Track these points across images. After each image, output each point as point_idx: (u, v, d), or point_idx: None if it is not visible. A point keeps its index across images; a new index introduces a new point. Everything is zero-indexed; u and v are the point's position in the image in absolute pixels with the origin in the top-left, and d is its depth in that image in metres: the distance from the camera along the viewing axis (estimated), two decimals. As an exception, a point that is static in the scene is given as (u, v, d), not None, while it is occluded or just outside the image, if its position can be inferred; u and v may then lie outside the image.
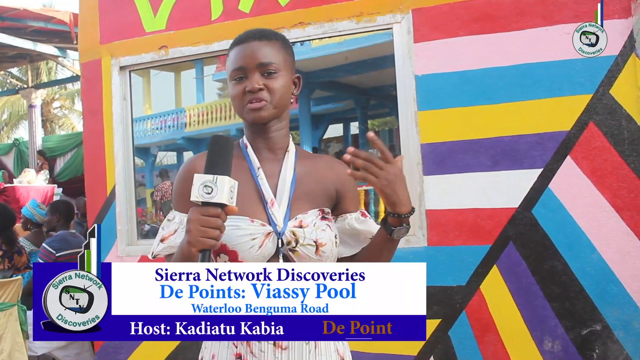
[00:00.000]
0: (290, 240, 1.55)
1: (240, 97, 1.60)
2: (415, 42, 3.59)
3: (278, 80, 1.60)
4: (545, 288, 3.31)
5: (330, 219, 1.64)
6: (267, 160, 1.65)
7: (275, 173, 1.64)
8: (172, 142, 17.41)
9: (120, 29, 4.38)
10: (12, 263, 5.14)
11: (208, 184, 1.35)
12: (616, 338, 3.19)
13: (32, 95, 15.39)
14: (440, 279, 3.49)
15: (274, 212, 1.58)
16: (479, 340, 3.42)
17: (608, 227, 3.22)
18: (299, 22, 3.84)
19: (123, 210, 4.32)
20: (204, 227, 1.35)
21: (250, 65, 1.59)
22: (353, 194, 1.73)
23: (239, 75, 1.60)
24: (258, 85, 1.57)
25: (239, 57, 1.61)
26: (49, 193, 11.03)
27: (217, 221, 1.35)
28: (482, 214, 3.43)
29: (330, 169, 1.70)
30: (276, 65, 1.60)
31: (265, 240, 1.54)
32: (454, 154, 3.49)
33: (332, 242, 1.59)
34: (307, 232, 1.56)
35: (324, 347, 1.59)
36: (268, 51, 1.60)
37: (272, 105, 1.59)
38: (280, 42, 1.65)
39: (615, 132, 3.22)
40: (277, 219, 1.57)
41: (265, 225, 1.56)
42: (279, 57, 1.62)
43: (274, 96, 1.59)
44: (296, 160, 1.68)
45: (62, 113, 27.44)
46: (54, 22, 11.17)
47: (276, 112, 1.61)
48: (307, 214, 1.60)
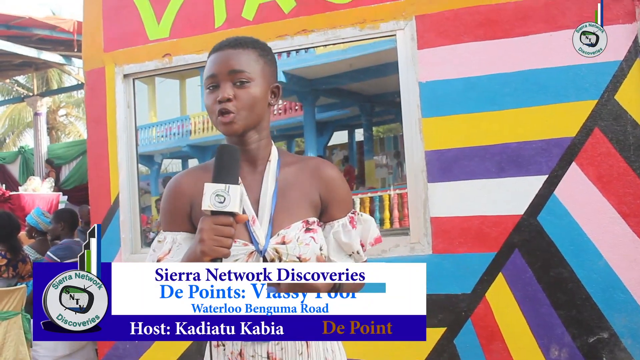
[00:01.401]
0: (274, 258, 1.54)
1: (212, 107, 1.56)
2: (419, 49, 3.57)
3: (250, 89, 1.55)
4: (552, 295, 3.29)
5: (315, 230, 1.60)
6: (248, 173, 1.63)
7: (256, 186, 1.62)
8: (177, 149, 17.46)
9: (124, 37, 4.38)
10: (16, 271, 5.13)
11: (220, 193, 1.35)
12: (624, 346, 3.16)
13: (38, 103, 15.43)
14: (446, 287, 3.46)
15: (256, 230, 1.56)
16: (485, 349, 3.39)
17: (614, 233, 3.20)
18: (302, 30, 3.83)
19: (127, 218, 4.31)
20: (218, 237, 1.35)
21: (222, 74, 1.55)
22: (340, 197, 1.68)
23: (211, 83, 1.57)
24: (227, 95, 1.53)
25: (212, 64, 1.58)
26: (54, 201, 11.03)
27: (230, 230, 1.36)
28: (487, 221, 3.41)
29: (315, 174, 1.66)
30: (248, 74, 1.56)
31: (248, 260, 1.54)
32: (459, 160, 3.47)
33: (316, 255, 1.57)
34: (290, 249, 1.55)
35: (315, 356, 1.59)
36: (242, 59, 1.57)
37: (243, 116, 1.55)
38: (257, 51, 1.61)
39: (621, 137, 3.20)
40: (259, 237, 1.56)
41: (248, 245, 1.55)
42: (254, 65, 1.58)
43: (244, 107, 1.54)
44: (278, 170, 1.64)
45: (68, 121, 27.54)
46: (59, 31, 11.22)
47: (249, 124, 1.57)
48: (289, 228, 1.57)
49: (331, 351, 1.65)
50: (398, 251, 3.57)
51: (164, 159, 18.78)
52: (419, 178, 3.55)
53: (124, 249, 4.28)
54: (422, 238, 3.53)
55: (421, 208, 3.53)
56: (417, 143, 3.56)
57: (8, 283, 4.98)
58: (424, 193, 3.53)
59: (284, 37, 3.89)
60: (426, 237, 3.52)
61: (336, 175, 1.70)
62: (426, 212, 3.52)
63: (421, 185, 3.54)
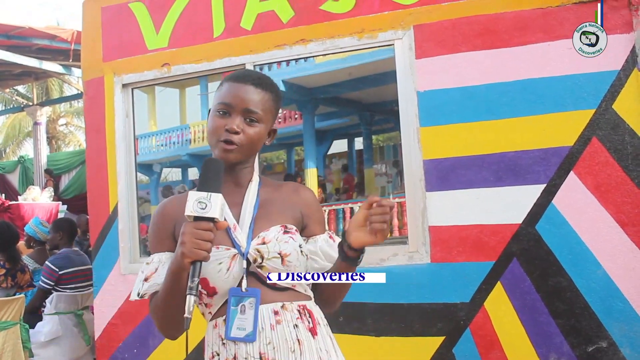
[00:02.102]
0: (256, 258, 1.64)
1: (218, 131, 1.67)
2: (417, 58, 3.58)
3: (256, 129, 1.69)
4: (550, 304, 3.28)
5: (293, 233, 1.71)
6: (231, 192, 1.73)
7: (238, 202, 1.73)
8: (176, 158, 17.48)
9: (123, 47, 4.39)
10: (15, 281, 5.14)
11: (202, 200, 1.47)
12: (622, 355, 3.15)
13: (37, 113, 15.47)
14: (444, 296, 3.46)
15: (237, 235, 1.66)
16: (484, 358, 3.38)
17: (613, 242, 3.20)
18: (301, 39, 3.85)
19: (126, 227, 4.30)
20: (197, 240, 1.45)
21: (238, 107, 1.67)
22: (318, 215, 1.83)
23: (224, 109, 1.68)
24: (237, 128, 1.65)
25: (231, 94, 1.69)
26: (54, 210, 11.03)
27: (209, 234, 1.46)
28: (485, 230, 3.41)
29: (294, 194, 1.80)
30: (260, 115, 1.69)
31: (231, 262, 1.63)
32: (457, 169, 3.48)
33: (296, 251, 1.67)
34: (271, 247, 1.64)
35: (308, 355, 1.63)
36: (258, 100, 1.69)
37: (242, 150, 1.68)
38: (273, 95, 1.74)
39: (619, 147, 3.20)
40: (240, 241, 1.66)
41: (230, 249, 1.64)
42: (266, 108, 1.71)
43: (246, 142, 1.67)
44: (259, 188, 1.77)
45: (68, 130, 27.58)
46: (58, 40, 11.25)
47: (243, 157, 1.71)
48: (269, 230, 1.68)
49: (325, 351, 1.68)
50: (396, 260, 3.56)
51: (163, 167, 18.79)
52: (417, 187, 3.55)
53: (122, 258, 4.28)
54: (421, 247, 3.53)
55: (419, 217, 3.53)
56: (415, 152, 3.57)
57: (7, 293, 4.98)
58: (422, 202, 3.53)
59: (282, 46, 3.90)
60: (424, 246, 3.52)
61: (314, 197, 1.86)
62: (424, 221, 3.52)
63: (419, 194, 3.54)
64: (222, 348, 1.62)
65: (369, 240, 1.59)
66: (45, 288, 5.14)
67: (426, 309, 3.50)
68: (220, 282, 1.62)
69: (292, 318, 1.64)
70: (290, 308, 1.65)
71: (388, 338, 3.56)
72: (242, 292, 1.62)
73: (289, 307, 1.65)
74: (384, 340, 3.57)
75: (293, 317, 1.64)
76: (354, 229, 1.62)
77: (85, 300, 5.29)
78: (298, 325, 1.64)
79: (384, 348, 3.57)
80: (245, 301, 1.61)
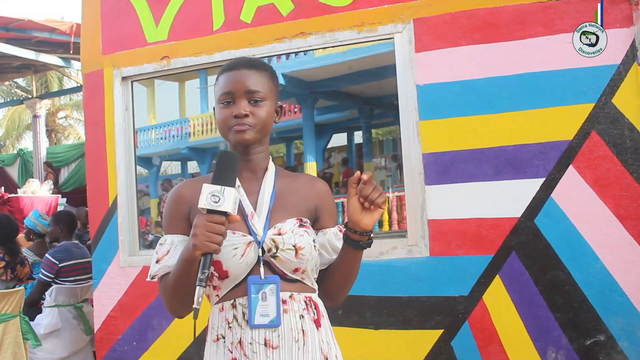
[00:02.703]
0: (271, 247, 1.66)
1: (227, 121, 1.71)
2: (416, 52, 3.58)
3: (263, 108, 1.72)
4: (549, 298, 3.29)
5: (308, 227, 1.74)
6: (248, 180, 1.77)
7: (255, 190, 1.76)
8: (176, 151, 17.46)
9: (122, 40, 4.39)
10: (14, 274, 5.14)
11: (216, 194, 1.50)
12: (620, 348, 3.17)
13: (37, 106, 15.44)
14: (443, 289, 3.47)
15: (254, 224, 1.69)
16: (482, 351, 3.39)
17: (611, 236, 3.20)
18: (301, 32, 3.84)
19: (125, 220, 4.31)
20: (209, 233, 1.48)
21: (239, 92, 1.71)
22: (331, 210, 1.86)
23: (227, 99, 1.72)
24: (244, 112, 1.69)
25: (229, 82, 1.73)
26: (53, 203, 11.03)
27: (221, 228, 1.49)
28: (484, 224, 3.42)
29: (309, 186, 1.83)
30: (262, 94, 1.72)
31: (246, 249, 1.65)
32: (456, 163, 3.48)
33: (310, 245, 1.69)
34: (286, 238, 1.67)
35: (311, 346, 1.67)
36: (256, 80, 1.73)
37: (256, 130, 1.71)
38: (268, 73, 1.78)
39: (618, 141, 3.20)
40: (257, 229, 1.68)
41: (246, 236, 1.67)
42: (266, 86, 1.74)
43: (258, 122, 1.71)
44: (276, 178, 1.80)
45: (68, 123, 27.55)
46: (57, 33, 11.21)
47: (258, 137, 1.73)
48: (285, 222, 1.70)
49: (326, 343, 1.73)
50: (396, 253, 3.57)
51: (163, 161, 18.76)
52: (417, 180, 3.55)
53: (122, 251, 4.28)
54: (420, 240, 3.53)
55: (419, 210, 3.53)
56: (415, 145, 3.57)
57: (6, 285, 4.99)
58: (422, 195, 3.54)
59: (282, 39, 3.89)
60: (424, 240, 3.52)
61: (328, 190, 1.88)
62: (424, 214, 3.53)
63: (419, 188, 3.55)
64: (227, 331, 1.66)
65: (376, 215, 1.64)
66: (45, 281, 5.14)
67: (425, 302, 3.51)
68: (233, 267, 1.64)
69: (299, 308, 1.68)
70: (298, 299, 1.69)
71: (387, 331, 3.58)
72: (262, 280, 1.65)
73: (296, 298, 1.69)
74: (382, 334, 3.59)
75: (300, 307, 1.68)
76: (355, 214, 1.65)
77: (84, 293, 5.30)
78: (304, 316, 1.68)
79: (383, 341, 3.58)
80: (265, 288, 1.65)
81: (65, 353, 5.12)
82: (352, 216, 1.64)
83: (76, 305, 5.23)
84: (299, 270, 1.69)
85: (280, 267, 1.67)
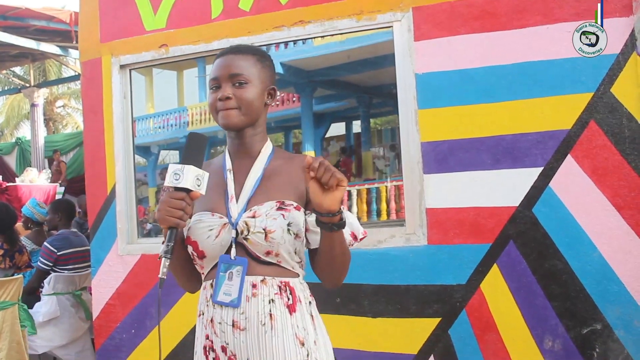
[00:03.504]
0: (243, 230, 1.72)
1: (214, 105, 1.80)
2: (415, 41, 3.57)
3: (247, 89, 1.77)
4: (546, 287, 3.30)
5: (289, 210, 1.74)
6: (241, 164, 1.85)
7: (244, 172, 1.83)
8: (174, 140, 17.46)
9: (121, 28, 4.37)
10: (13, 262, 5.15)
11: (177, 172, 1.60)
12: (617, 337, 3.18)
13: (35, 94, 15.40)
14: (441, 278, 3.48)
15: (231, 206, 1.77)
16: (479, 339, 3.41)
17: (609, 225, 3.21)
18: (299, 21, 3.83)
19: (123, 209, 4.31)
20: (169, 208, 1.59)
21: (223, 76, 1.78)
22: None
23: (214, 84, 1.81)
24: (227, 94, 1.76)
25: (215, 68, 1.82)
26: (51, 192, 11.03)
27: (180, 203, 1.59)
28: (482, 213, 3.42)
29: (302, 168, 1.78)
30: (246, 76, 1.78)
31: (221, 230, 1.73)
32: (455, 152, 3.48)
33: (282, 229, 1.70)
34: (258, 222, 1.70)
35: (281, 329, 1.70)
36: (241, 64, 1.79)
37: (242, 112, 1.77)
38: (255, 57, 1.84)
39: (616, 130, 3.20)
40: (233, 212, 1.76)
41: (223, 218, 1.75)
42: (251, 69, 1.80)
43: (242, 104, 1.77)
44: (269, 161, 1.85)
45: (66, 112, 27.52)
46: (55, 21, 11.18)
47: (246, 120, 1.79)
48: (262, 205, 1.74)
49: (303, 329, 1.74)
50: (394, 242, 3.58)
51: (161, 150, 18.77)
52: (415, 169, 3.56)
53: (120, 240, 4.29)
54: (418, 229, 3.54)
55: (417, 199, 3.54)
56: (413, 134, 3.57)
57: (5, 273, 5.00)
58: (420, 184, 3.54)
59: (280, 28, 3.88)
60: (422, 228, 3.53)
61: None
62: (422, 203, 3.53)
63: (417, 177, 3.55)
64: (206, 309, 1.76)
65: (338, 195, 1.60)
66: (43, 269, 5.15)
67: (422, 291, 3.52)
68: (208, 247, 1.73)
69: (269, 293, 1.71)
70: (271, 283, 1.72)
71: (384, 319, 3.59)
72: (231, 260, 1.72)
73: (269, 282, 1.72)
74: (380, 322, 3.60)
75: (271, 292, 1.71)
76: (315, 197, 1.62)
77: (83, 281, 5.31)
78: (275, 300, 1.71)
79: (380, 329, 3.60)
80: (233, 268, 1.72)
81: (64, 341, 5.13)
82: (314, 200, 1.62)
83: (75, 293, 5.24)
84: (272, 253, 1.71)
85: (252, 249, 1.72)
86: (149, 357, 4.22)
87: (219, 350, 1.71)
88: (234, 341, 1.69)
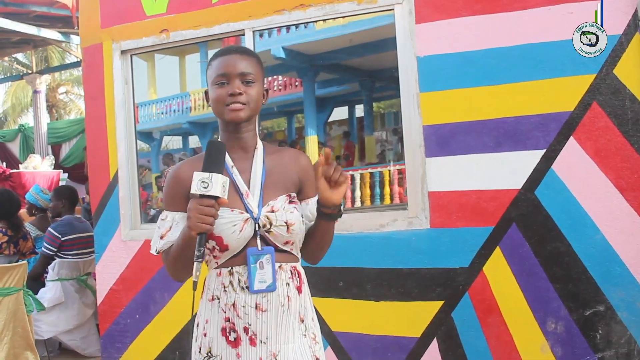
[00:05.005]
0: (265, 224, 1.86)
1: (222, 100, 1.89)
2: (416, 23, 3.56)
3: (254, 88, 1.91)
4: (549, 269, 3.31)
5: (296, 202, 1.96)
6: (240, 159, 1.96)
7: (247, 169, 1.95)
8: (177, 126, 17.44)
9: (121, 13, 4.36)
10: (17, 248, 5.17)
11: (205, 180, 1.68)
12: (620, 319, 3.19)
13: (37, 81, 15.37)
14: (443, 261, 3.48)
15: (249, 202, 1.89)
16: (482, 322, 3.42)
17: (611, 207, 3.20)
18: (300, 4, 3.81)
19: (126, 194, 4.32)
20: (201, 215, 1.67)
21: (233, 74, 1.89)
22: (312, 181, 2.00)
23: (222, 80, 1.90)
24: (239, 90, 1.87)
25: (224, 65, 1.91)
26: (55, 178, 11.05)
27: (211, 210, 1.68)
28: (484, 196, 3.42)
29: (294, 161, 2.02)
30: (253, 75, 1.91)
31: (244, 225, 1.85)
32: (457, 135, 3.47)
33: (299, 221, 1.91)
34: (279, 215, 1.87)
35: (293, 310, 1.88)
36: (247, 64, 1.91)
37: (249, 108, 1.89)
38: (256, 59, 1.97)
39: (619, 112, 3.19)
40: (253, 207, 1.88)
41: (243, 213, 1.86)
42: (256, 70, 1.93)
43: (250, 100, 1.89)
44: (264, 156, 1.99)
45: (69, 99, 27.50)
46: (56, 7, 11.12)
47: (250, 115, 1.91)
48: (277, 200, 1.91)
49: (304, 307, 1.94)
50: (396, 225, 3.58)
51: (164, 135, 18.76)
52: (417, 153, 3.55)
53: (123, 225, 4.30)
54: (420, 212, 3.54)
55: (419, 183, 3.54)
56: (415, 118, 3.56)
57: (9, 260, 5.01)
58: (422, 168, 3.54)
59: (281, 12, 3.87)
60: (424, 212, 3.53)
61: (311, 163, 2.05)
62: (424, 186, 3.53)
63: (419, 160, 3.54)
64: (222, 294, 1.86)
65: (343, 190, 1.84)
66: (47, 254, 5.18)
67: (425, 274, 3.52)
68: (232, 241, 1.83)
69: (285, 277, 1.88)
70: (285, 268, 1.90)
71: (387, 303, 3.60)
72: (259, 251, 1.85)
73: (284, 268, 1.89)
74: (383, 305, 3.61)
75: (286, 276, 1.89)
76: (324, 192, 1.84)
77: (87, 267, 5.33)
78: (289, 283, 1.89)
79: (383, 313, 3.61)
80: (262, 258, 1.85)
81: (69, 326, 5.17)
82: (322, 194, 1.84)
83: (79, 279, 5.27)
84: (290, 243, 1.90)
85: (273, 241, 1.87)
86: (153, 341, 4.25)
87: (240, 331, 1.83)
88: (256, 322, 1.83)
